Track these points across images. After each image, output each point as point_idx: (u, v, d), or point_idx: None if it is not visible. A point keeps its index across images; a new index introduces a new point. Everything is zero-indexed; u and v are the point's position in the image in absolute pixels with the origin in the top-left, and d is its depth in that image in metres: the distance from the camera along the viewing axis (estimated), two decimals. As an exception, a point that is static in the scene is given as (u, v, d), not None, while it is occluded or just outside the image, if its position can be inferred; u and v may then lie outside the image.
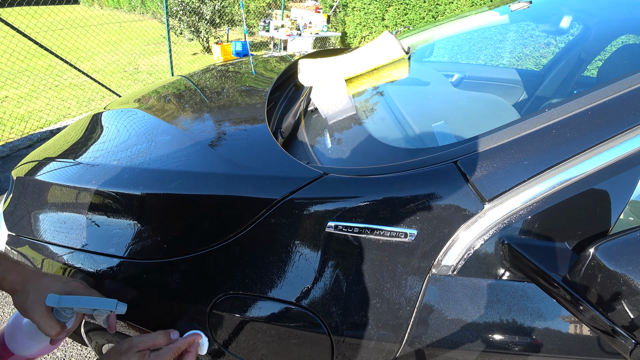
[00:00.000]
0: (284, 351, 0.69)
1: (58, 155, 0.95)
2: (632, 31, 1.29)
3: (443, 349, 0.65)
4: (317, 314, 0.65)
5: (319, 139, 0.94)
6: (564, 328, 0.64)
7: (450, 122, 0.86)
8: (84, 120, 1.20)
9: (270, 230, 0.66)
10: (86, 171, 0.81)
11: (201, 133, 0.89)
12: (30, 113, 3.78)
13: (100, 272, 0.73)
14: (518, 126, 0.65)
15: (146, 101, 1.20)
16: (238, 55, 6.14)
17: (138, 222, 0.72)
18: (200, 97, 1.16)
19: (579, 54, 1.58)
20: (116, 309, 0.62)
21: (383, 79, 1.20)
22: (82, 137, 1.05)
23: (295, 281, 0.66)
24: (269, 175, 0.69)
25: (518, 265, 0.61)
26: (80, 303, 0.59)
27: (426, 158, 0.68)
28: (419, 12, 6.70)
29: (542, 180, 0.60)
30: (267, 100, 1.02)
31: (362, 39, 7.74)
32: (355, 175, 0.67)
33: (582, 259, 0.54)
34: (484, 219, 0.62)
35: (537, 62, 2.40)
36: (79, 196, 0.78)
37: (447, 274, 0.64)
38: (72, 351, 1.45)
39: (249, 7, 9.22)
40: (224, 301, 0.67)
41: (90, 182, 0.77)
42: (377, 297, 0.65)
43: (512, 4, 1.43)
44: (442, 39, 1.73)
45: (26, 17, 4.43)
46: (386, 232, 0.63)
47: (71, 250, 0.76)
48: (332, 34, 6.89)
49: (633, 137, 0.59)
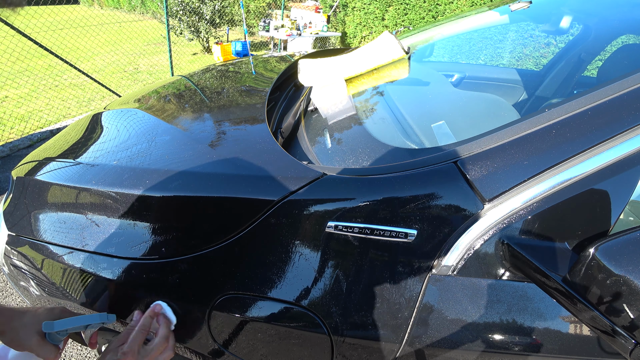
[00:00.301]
0: (284, 351, 0.69)
1: (58, 155, 0.95)
2: (632, 31, 1.29)
3: (443, 349, 0.65)
4: (317, 314, 0.65)
5: (319, 139, 0.94)
6: (564, 328, 0.64)
7: (450, 122, 0.86)
8: (84, 120, 1.20)
9: (271, 230, 0.66)
10: (86, 171, 0.81)
11: (201, 133, 0.89)
12: (30, 113, 3.78)
13: (100, 272, 0.73)
14: (518, 126, 0.65)
15: (146, 101, 1.20)
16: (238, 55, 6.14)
17: (138, 222, 0.72)
18: (200, 97, 1.16)
19: (579, 54, 1.58)
20: (108, 320, 0.66)
21: (383, 79, 1.20)
22: (82, 137, 1.05)
23: (295, 281, 0.65)
24: (269, 175, 0.69)
25: (518, 265, 0.61)
26: (73, 323, 0.63)
27: (426, 158, 0.68)
28: (419, 12, 6.70)
29: (542, 180, 0.60)
30: (267, 100, 1.02)
31: (362, 39, 7.74)
32: (355, 175, 0.67)
33: (582, 259, 0.54)
34: (484, 219, 0.62)
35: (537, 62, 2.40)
36: (79, 196, 0.78)
37: (447, 274, 0.64)
38: (72, 351, 1.45)
39: (249, 7, 9.21)
40: (224, 301, 0.67)
41: (90, 182, 0.77)
42: (377, 297, 0.65)
43: (512, 4, 1.43)
44: (442, 39, 1.73)
45: (26, 17, 4.42)
46: (386, 232, 0.63)
47: (71, 250, 0.76)
48: (332, 34, 6.89)
49: (633, 137, 0.59)
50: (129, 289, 0.72)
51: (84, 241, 0.75)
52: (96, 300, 0.75)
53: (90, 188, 0.77)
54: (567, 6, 1.49)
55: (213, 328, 0.69)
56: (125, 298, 0.73)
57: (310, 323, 0.66)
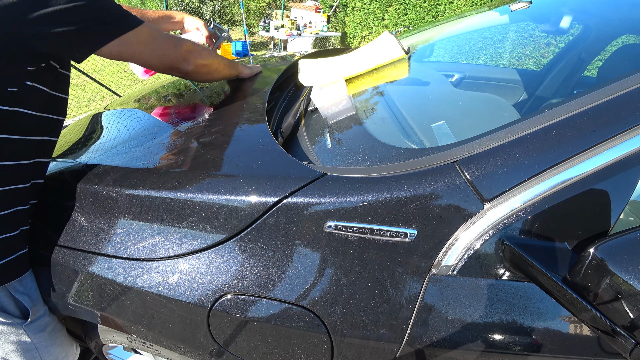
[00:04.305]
0: (284, 351, 0.69)
1: (58, 155, 0.95)
2: (632, 31, 1.29)
3: (443, 349, 0.65)
4: (317, 313, 0.65)
5: (319, 139, 0.94)
6: (564, 328, 0.64)
7: (450, 122, 0.86)
8: (84, 120, 1.20)
9: (270, 230, 0.66)
10: (86, 171, 0.81)
11: (201, 133, 0.89)
12: (30, 113, 3.78)
13: (100, 272, 0.73)
14: (518, 126, 0.65)
15: (146, 101, 1.20)
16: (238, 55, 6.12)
17: (138, 222, 0.72)
18: (200, 97, 1.16)
19: (579, 54, 1.58)
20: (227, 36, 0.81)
21: (383, 79, 1.20)
22: (82, 137, 1.05)
23: (295, 281, 0.66)
24: (269, 175, 0.69)
25: (518, 265, 0.61)
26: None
27: (426, 158, 0.68)
28: (419, 12, 6.70)
29: (542, 180, 0.60)
30: (267, 100, 1.02)
31: (362, 39, 7.74)
32: (355, 175, 0.67)
33: (582, 259, 0.54)
34: (484, 219, 0.62)
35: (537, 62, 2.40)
36: (79, 196, 0.78)
37: (447, 274, 0.64)
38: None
39: (249, 7, 9.22)
40: (224, 301, 0.67)
41: (90, 182, 0.77)
42: (377, 297, 0.65)
43: (512, 4, 1.43)
44: (442, 39, 1.73)
45: (26, 17, 4.42)
46: (386, 232, 0.63)
47: (70, 250, 0.76)
48: (332, 34, 6.90)
49: (633, 137, 0.59)
50: (129, 289, 0.72)
51: (84, 241, 0.75)
52: (92, 301, 0.75)
53: (90, 188, 0.77)
54: (567, 6, 1.49)
55: (213, 328, 0.69)
56: (124, 298, 0.73)
57: (310, 323, 0.66)
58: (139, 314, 0.73)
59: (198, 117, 1.01)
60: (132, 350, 1.02)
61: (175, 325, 0.71)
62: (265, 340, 0.69)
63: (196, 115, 1.02)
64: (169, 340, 0.75)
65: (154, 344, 0.81)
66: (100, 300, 0.74)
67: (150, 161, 0.79)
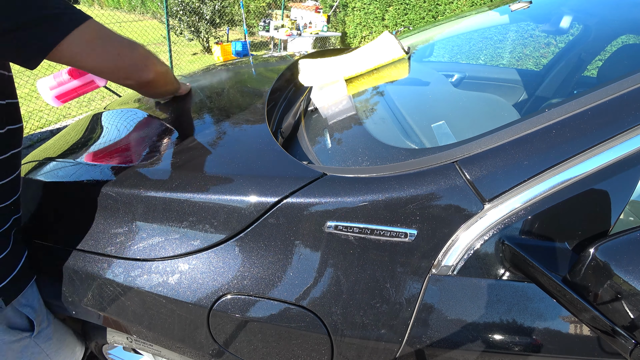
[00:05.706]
0: (284, 351, 0.69)
1: (58, 155, 0.95)
2: (632, 31, 1.29)
3: (443, 349, 0.65)
4: (317, 314, 0.65)
5: (319, 139, 0.94)
6: (564, 328, 0.64)
7: (450, 122, 0.86)
8: (84, 120, 1.20)
9: (270, 230, 0.66)
10: (86, 171, 0.81)
11: (201, 133, 0.89)
12: (30, 113, 3.78)
13: (100, 272, 0.73)
14: (518, 126, 0.65)
15: (146, 101, 1.20)
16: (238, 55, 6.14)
17: (138, 222, 0.72)
18: (200, 97, 1.15)
19: (579, 54, 1.58)
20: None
21: (383, 79, 1.20)
22: (82, 137, 1.05)
23: (295, 281, 0.66)
24: (269, 175, 0.69)
25: (518, 265, 0.61)
26: None
27: (426, 158, 0.68)
28: (419, 12, 6.70)
29: (542, 180, 0.60)
30: (267, 100, 1.02)
31: (362, 39, 7.74)
32: (355, 175, 0.67)
33: (582, 259, 0.54)
34: (484, 219, 0.62)
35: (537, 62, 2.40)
36: (79, 196, 0.78)
37: (447, 274, 0.64)
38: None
39: (249, 7, 9.21)
40: (224, 301, 0.67)
41: (90, 182, 0.77)
42: (377, 297, 0.65)
43: (512, 4, 1.43)
44: (442, 39, 1.73)
45: (26, 17, 4.42)
46: (386, 232, 0.63)
47: (70, 250, 0.76)
48: (332, 34, 6.90)
49: (633, 137, 0.59)
50: (129, 289, 0.72)
51: (84, 241, 0.75)
52: (92, 301, 0.75)
53: (90, 188, 0.77)
54: (567, 6, 1.49)
55: (213, 328, 0.69)
56: (124, 298, 0.73)
57: (311, 323, 0.66)
58: (139, 314, 0.73)
59: (198, 117, 1.00)
60: (132, 350, 1.02)
61: (175, 325, 0.71)
62: (265, 340, 0.69)
63: (196, 115, 1.02)
64: (169, 340, 0.75)
65: (154, 344, 0.81)
66: (100, 300, 0.74)
67: (151, 161, 0.79)
